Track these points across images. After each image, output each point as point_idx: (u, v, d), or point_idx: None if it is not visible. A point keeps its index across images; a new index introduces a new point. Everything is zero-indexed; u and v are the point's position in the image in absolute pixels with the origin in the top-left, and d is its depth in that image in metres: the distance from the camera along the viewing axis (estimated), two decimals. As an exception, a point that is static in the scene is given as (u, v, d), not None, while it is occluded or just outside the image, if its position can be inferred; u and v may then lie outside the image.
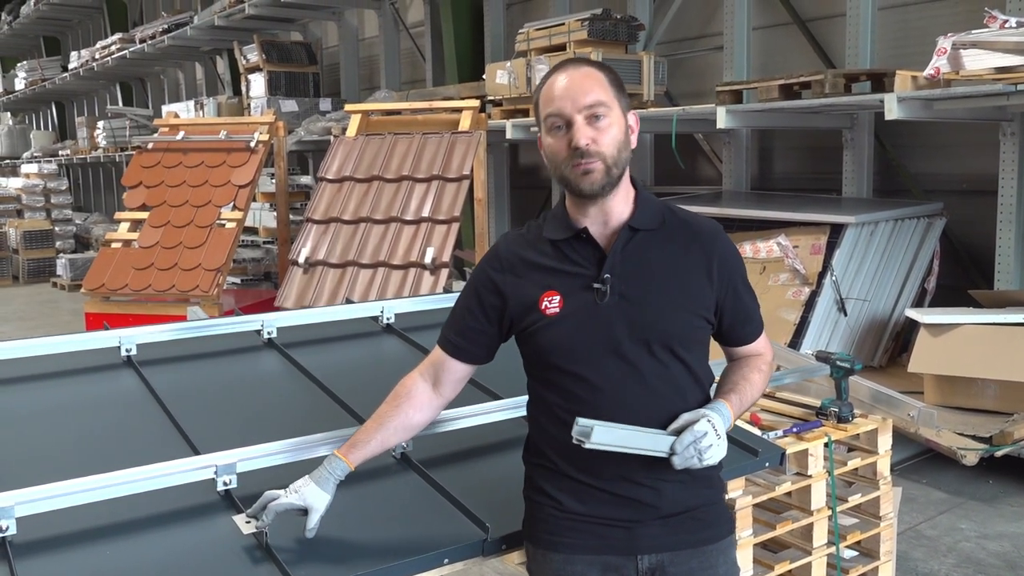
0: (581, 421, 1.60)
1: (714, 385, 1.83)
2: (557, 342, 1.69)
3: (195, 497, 1.93)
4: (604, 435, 1.59)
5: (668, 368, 1.68)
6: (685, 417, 1.64)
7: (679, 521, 1.71)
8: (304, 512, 1.75)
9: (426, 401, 1.86)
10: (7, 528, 1.73)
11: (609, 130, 1.65)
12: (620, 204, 1.72)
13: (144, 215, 6.43)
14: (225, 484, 1.94)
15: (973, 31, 4.52)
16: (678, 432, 1.62)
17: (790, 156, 7.27)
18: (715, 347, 1.86)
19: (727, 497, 2.57)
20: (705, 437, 1.60)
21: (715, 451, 1.62)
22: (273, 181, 8.16)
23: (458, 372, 1.85)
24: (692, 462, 1.61)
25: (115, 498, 1.84)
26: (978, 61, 4.42)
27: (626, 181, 1.73)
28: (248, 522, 1.83)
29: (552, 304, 1.69)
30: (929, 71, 4.53)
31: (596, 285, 1.67)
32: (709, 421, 1.62)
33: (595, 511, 1.70)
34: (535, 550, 1.79)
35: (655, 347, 1.67)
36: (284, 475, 2.00)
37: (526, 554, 1.85)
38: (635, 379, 1.67)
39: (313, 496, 1.75)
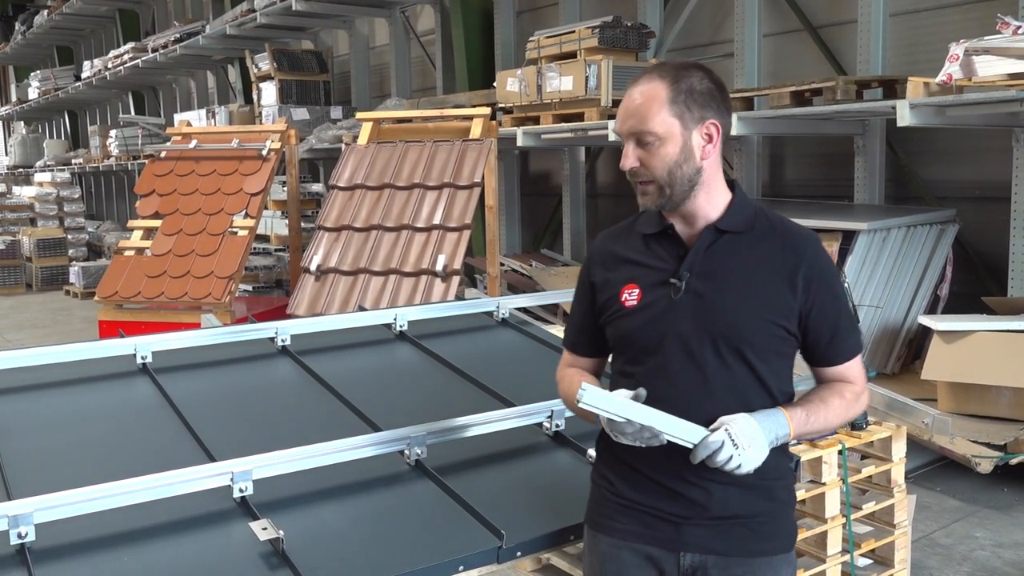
0: (588, 384, 1.61)
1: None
2: (629, 333, 1.74)
3: (211, 504, 1.94)
4: (600, 399, 1.59)
5: (732, 371, 1.67)
6: (721, 419, 1.62)
7: (729, 526, 1.70)
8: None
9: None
10: (26, 534, 1.74)
11: (659, 152, 1.66)
12: (705, 206, 1.72)
13: (157, 223, 6.46)
14: (241, 491, 1.94)
15: (985, 37, 4.51)
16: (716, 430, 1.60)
17: (801, 163, 7.27)
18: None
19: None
20: (721, 449, 1.57)
21: (738, 462, 1.57)
22: (285, 189, 8.19)
23: (590, 365, 1.91)
24: (710, 463, 1.59)
25: (132, 505, 1.85)
26: (990, 67, 4.41)
27: (712, 184, 1.71)
28: (265, 528, 1.84)
29: (631, 297, 1.74)
30: (941, 77, 4.53)
31: (672, 280, 1.70)
32: (727, 431, 1.58)
33: (645, 500, 1.73)
34: (589, 531, 1.85)
35: (721, 347, 1.67)
36: (299, 482, 2.01)
37: (584, 537, 1.88)
38: (696, 377, 1.67)
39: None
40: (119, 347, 2.61)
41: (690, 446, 1.61)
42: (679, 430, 1.61)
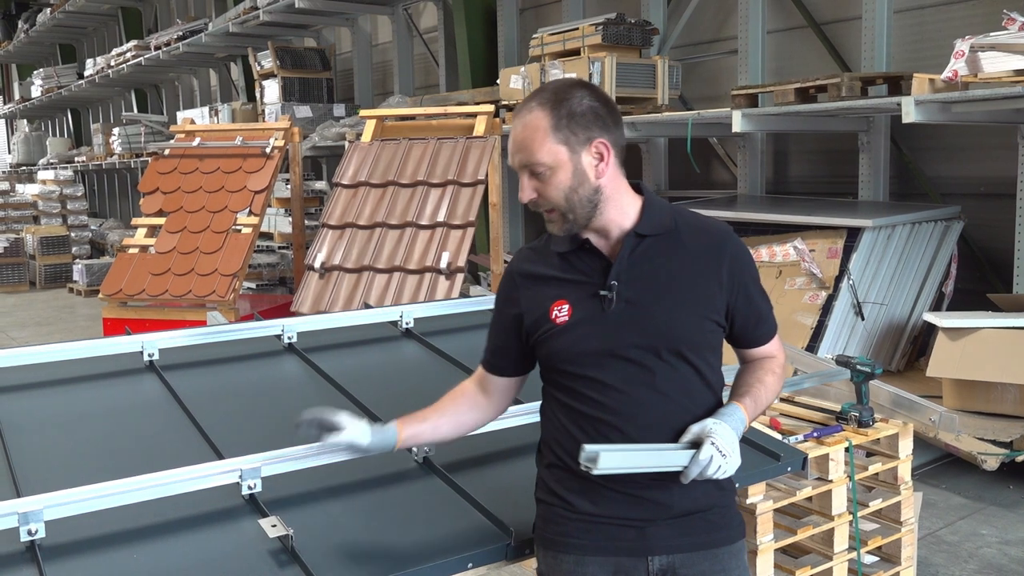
0: (587, 448, 1.60)
1: (727, 389, 1.82)
2: (566, 349, 1.72)
3: (220, 501, 1.94)
4: (612, 459, 1.59)
5: (678, 371, 1.69)
6: (694, 430, 1.64)
7: (690, 522, 1.72)
8: (332, 429, 1.77)
9: (475, 403, 1.91)
10: (36, 532, 1.74)
11: (552, 181, 1.67)
12: (617, 217, 1.72)
13: (161, 221, 6.46)
14: (250, 488, 1.94)
15: (991, 33, 4.50)
16: (693, 444, 1.63)
17: (805, 160, 7.26)
18: (728, 351, 1.85)
19: (748, 502, 2.57)
20: (711, 462, 1.60)
21: (724, 469, 1.61)
22: (288, 186, 8.20)
23: (499, 385, 1.90)
24: (701, 477, 1.62)
25: (141, 502, 1.86)
26: (996, 63, 4.40)
27: (617, 195, 1.71)
28: (274, 526, 1.84)
29: (562, 313, 1.72)
30: (947, 74, 4.52)
31: (603, 292, 1.69)
32: (713, 444, 1.61)
33: (607, 511, 1.71)
34: (545, 553, 1.80)
35: (663, 352, 1.68)
36: (308, 478, 2.01)
37: (536, 558, 1.85)
38: (645, 382, 1.68)
39: (352, 422, 1.79)
40: (126, 344, 2.61)
41: (680, 469, 1.62)
42: (667, 459, 1.62)
